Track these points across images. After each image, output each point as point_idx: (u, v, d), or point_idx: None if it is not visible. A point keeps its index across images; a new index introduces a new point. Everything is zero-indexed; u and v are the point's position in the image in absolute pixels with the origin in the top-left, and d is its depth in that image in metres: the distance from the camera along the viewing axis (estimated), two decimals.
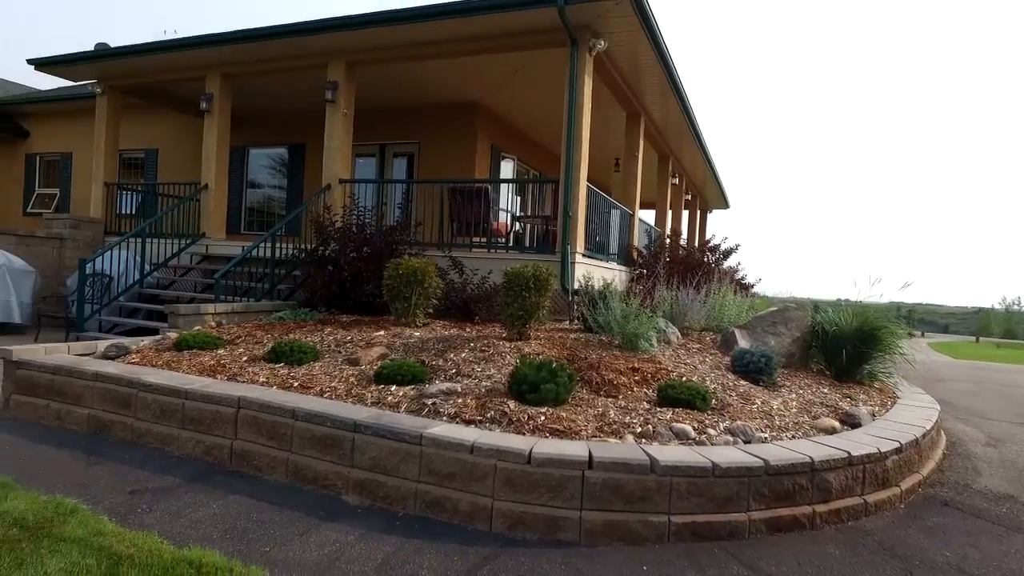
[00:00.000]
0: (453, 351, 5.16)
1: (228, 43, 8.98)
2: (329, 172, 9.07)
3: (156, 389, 4.34)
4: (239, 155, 12.84)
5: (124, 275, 8.75)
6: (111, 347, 5.33)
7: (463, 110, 11.22)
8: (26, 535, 2.96)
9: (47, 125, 16.53)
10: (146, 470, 3.91)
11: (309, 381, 4.51)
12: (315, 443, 3.78)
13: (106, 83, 11.00)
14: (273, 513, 3.38)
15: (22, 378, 4.89)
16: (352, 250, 7.35)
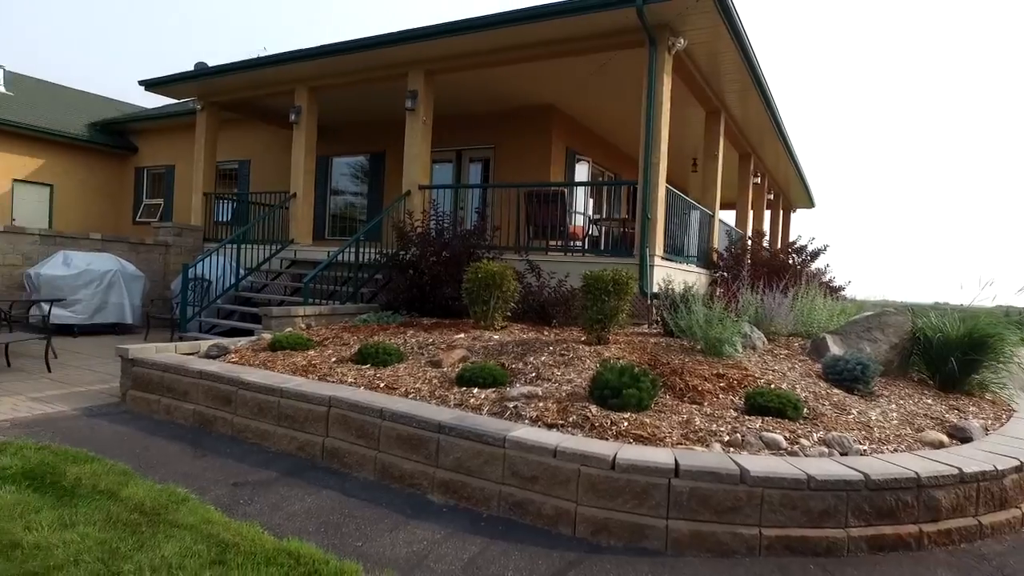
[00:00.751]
0: (532, 354, 5.18)
1: (315, 58, 9.42)
2: (409, 178, 9.33)
3: (254, 387, 4.60)
4: (323, 164, 13.43)
5: (221, 279, 9.33)
6: (213, 347, 5.69)
7: (538, 114, 11.27)
8: (145, 519, 3.21)
9: (153, 140, 17.89)
10: (246, 464, 4.15)
11: (394, 382, 4.65)
12: (401, 442, 3.89)
13: (205, 100, 11.79)
14: (363, 509, 3.51)
15: (137, 375, 5.31)
16: (431, 254, 7.53)
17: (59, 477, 3.64)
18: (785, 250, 11.20)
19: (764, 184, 15.39)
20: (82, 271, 8.94)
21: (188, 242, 11.17)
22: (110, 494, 3.47)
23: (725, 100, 10.17)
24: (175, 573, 2.70)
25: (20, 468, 3.72)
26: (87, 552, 2.85)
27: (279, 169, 14.31)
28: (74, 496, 3.45)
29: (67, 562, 2.76)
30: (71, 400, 5.46)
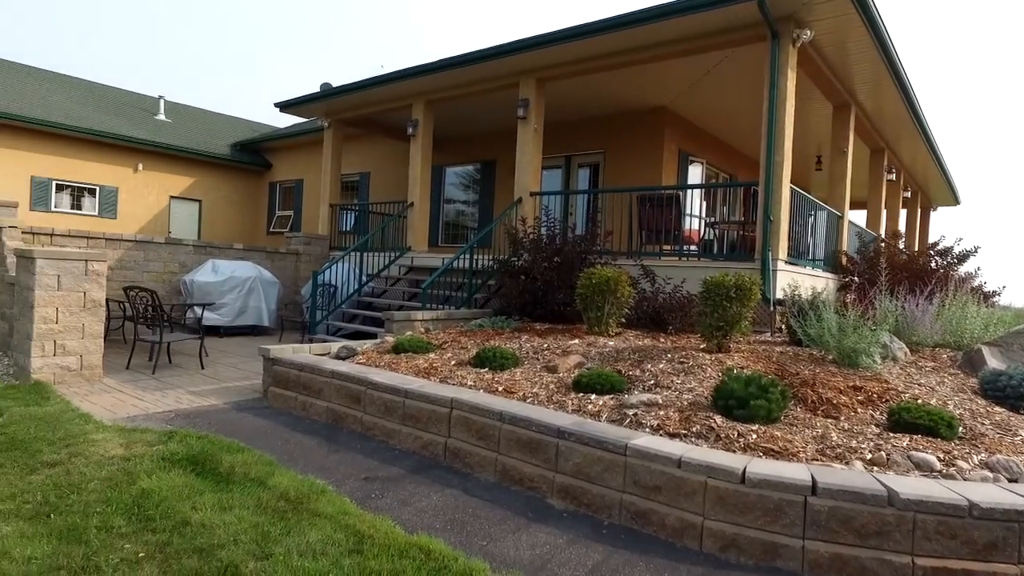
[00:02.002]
0: (650, 361, 5.08)
1: (432, 72, 9.82)
2: (520, 185, 9.48)
3: (381, 388, 4.86)
4: (436, 174, 13.96)
5: (345, 285, 9.94)
6: (342, 349, 6.08)
7: (649, 116, 11.06)
8: (290, 507, 3.48)
9: (284, 157, 19.43)
10: (375, 460, 4.38)
11: (512, 386, 4.73)
12: (521, 446, 3.95)
13: (332, 117, 12.65)
14: (486, 510, 3.60)
15: (277, 373, 5.78)
16: (543, 260, 7.59)
17: (216, 464, 4.03)
18: (926, 252, 10.21)
19: (900, 181, 14.15)
20: (227, 278, 9.87)
21: (316, 250, 12.00)
22: (259, 482, 3.80)
23: (855, 92, 9.47)
24: (319, 559, 2.91)
25: (185, 454, 4.16)
26: (243, 533, 3.13)
27: (395, 180, 15.06)
28: (229, 482, 3.80)
29: (228, 541, 3.05)
30: (221, 395, 6.04)
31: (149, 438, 4.46)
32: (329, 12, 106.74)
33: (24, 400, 5.26)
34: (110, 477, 3.76)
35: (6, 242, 7.10)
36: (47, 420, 4.73)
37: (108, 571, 2.76)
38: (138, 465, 3.95)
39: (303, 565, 2.84)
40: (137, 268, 9.60)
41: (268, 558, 2.91)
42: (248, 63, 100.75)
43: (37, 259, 5.83)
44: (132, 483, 3.67)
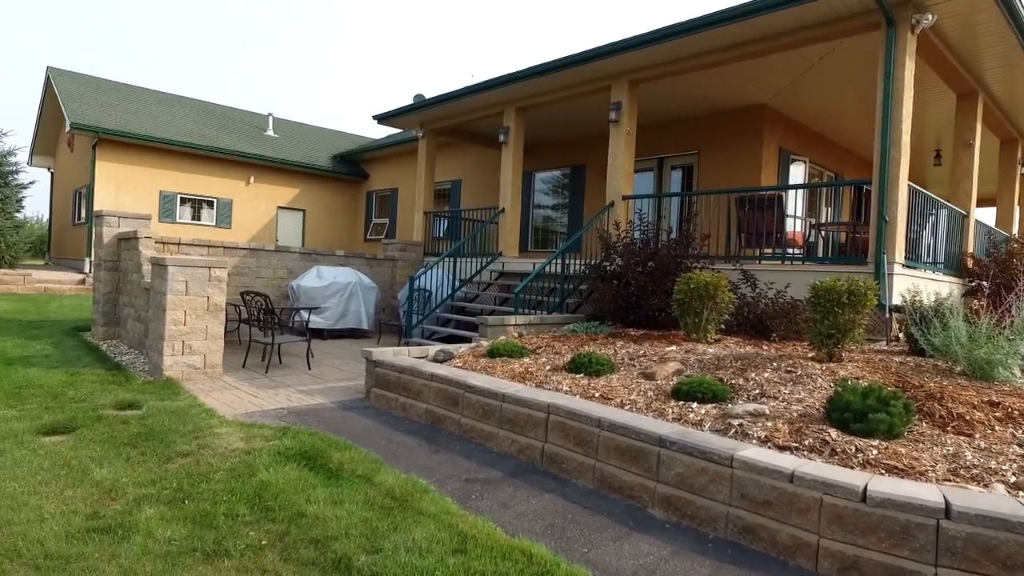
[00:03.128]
0: (753, 370, 4.87)
1: (523, 79, 9.93)
2: (612, 189, 9.38)
3: (478, 391, 4.94)
4: (525, 179, 14.07)
5: (439, 290, 10.21)
6: (439, 352, 6.24)
7: (746, 114, 10.64)
8: (395, 505, 3.60)
9: (380, 167, 20.27)
10: (473, 462, 4.46)
11: (608, 392, 4.68)
12: (619, 453, 3.89)
13: (425, 127, 13.07)
14: (585, 516, 3.57)
15: (378, 375, 6.02)
16: (637, 264, 7.47)
17: (326, 460, 4.24)
18: None
19: None
20: (330, 283, 10.39)
21: (411, 256, 12.41)
22: (366, 479, 3.97)
23: (983, 78, 8.66)
24: (425, 556, 2.99)
25: (298, 450, 4.41)
26: (354, 527, 3.27)
27: (485, 186, 15.34)
28: (339, 477, 3.99)
29: (340, 534, 3.20)
30: (327, 394, 6.36)
31: (266, 433, 4.77)
32: (418, 25, 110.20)
33: (159, 395, 5.78)
34: (233, 468, 4.04)
35: (142, 251, 7.83)
36: (178, 414, 5.17)
37: (236, 555, 2.97)
38: (257, 458, 4.22)
39: (411, 561, 2.93)
40: (250, 274, 10.31)
41: (378, 552, 3.03)
42: (345, 78, 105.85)
43: (169, 266, 6.40)
44: (252, 475, 3.93)
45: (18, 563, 2.81)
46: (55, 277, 15.34)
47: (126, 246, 8.60)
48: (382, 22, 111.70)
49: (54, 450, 4.22)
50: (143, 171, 16.94)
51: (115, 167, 16.50)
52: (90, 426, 4.75)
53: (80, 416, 4.96)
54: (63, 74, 19.16)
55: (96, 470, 3.90)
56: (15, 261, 16.20)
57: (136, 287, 7.95)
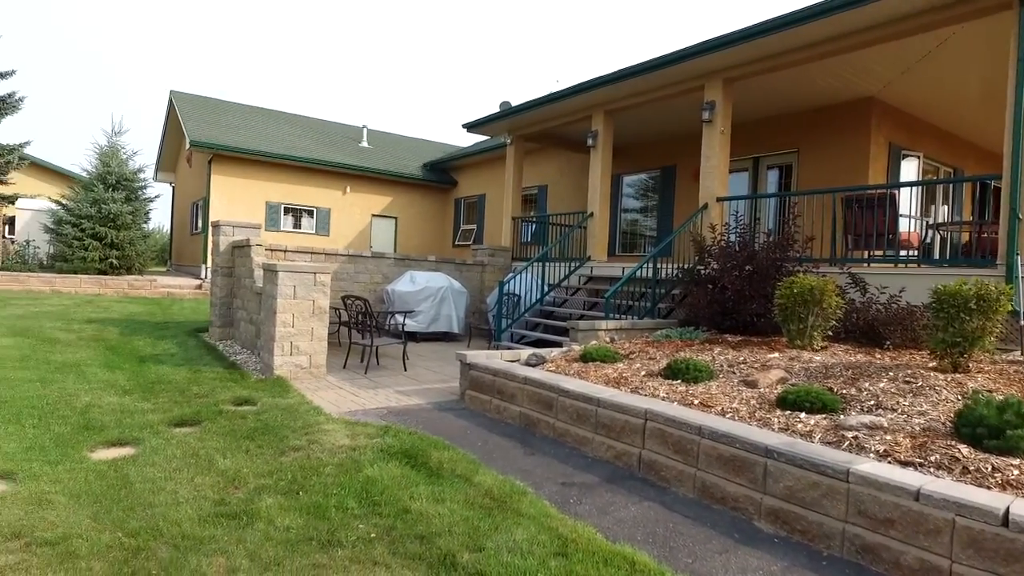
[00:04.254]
0: (867, 379, 4.58)
1: (612, 82, 9.85)
2: (706, 191, 9.12)
3: (572, 395, 4.94)
4: (613, 183, 13.94)
5: (528, 294, 10.29)
6: (531, 356, 6.29)
7: (852, 108, 10.04)
8: (495, 505, 3.66)
9: (467, 174, 20.70)
10: (569, 466, 4.46)
11: (708, 400, 4.54)
12: (722, 463, 3.77)
13: (513, 134, 13.23)
14: (687, 526, 3.48)
15: (472, 378, 6.14)
16: (734, 268, 7.21)
17: (426, 459, 4.37)
18: None
19: None
20: (423, 287, 10.72)
21: (499, 261, 12.58)
22: (465, 479, 4.06)
23: None
24: (527, 558, 3.02)
25: (399, 448, 4.58)
26: (456, 525, 3.36)
27: (572, 191, 15.32)
28: (439, 476, 4.11)
29: (443, 531, 3.29)
30: (423, 395, 6.56)
31: (369, 431, 4.98)
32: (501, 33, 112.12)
33: (270, 392, 6.17)
34: (341, 464, 4.25)
35: (254, 258, 8.41)
36: (289, 410, 5.50)
37: (348, 546, 3.12)
38: (362, 455, 4.42)
39: (513, 562, 2.97)
40: (348, 279, 10.80)
41: (480, 551, 3.09)
42: (433, 87, 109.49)
43: (279, 272, 6.83)
44: (359, 471, 4.12)
45: (160, 541, 3.08)
46: (176, 282, 16.74)
47: (239, 253, 9.26)
48: (467, 32, 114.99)
49: (184, 440, 4.60)
50: (251, 183, 18.19)
51: (227, 180, 17.82)
52: (213, 420, 5.14)
53: (204, 411, 5.38)
54: (183, 97, 20.92)
55: (220, 460, 4.22)
56: (143, 268, 17.81)
57: (248, 291, 8.54)
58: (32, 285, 14.74)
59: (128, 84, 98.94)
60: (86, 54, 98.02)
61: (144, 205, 17.87)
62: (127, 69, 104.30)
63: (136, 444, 4.49)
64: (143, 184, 18.11)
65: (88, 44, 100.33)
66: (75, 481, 3.76)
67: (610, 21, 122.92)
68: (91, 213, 16.38)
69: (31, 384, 6.00)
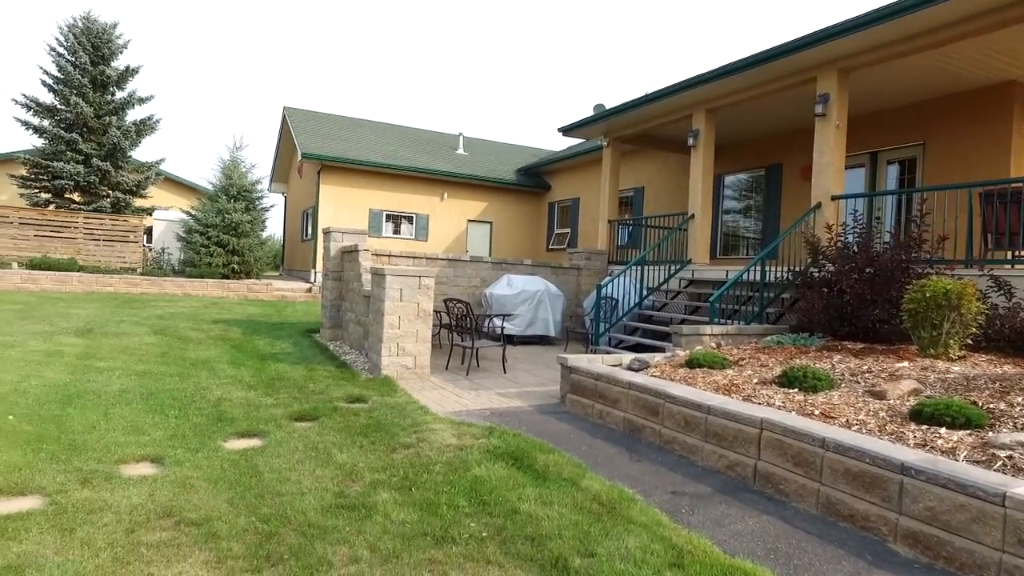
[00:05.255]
0: (1020, 393, 4.12)
1: (714, 79, 9.52)
2: (819, 189, 8.59)
3: (680, 402, 4.79)
4: (714, 183, 13.46)
5: (625, 298, 10.12)
6: (634, 361, 6.17)
7: (989, 94, 9.13)
8: (604, 511, 3.61)
9: (561, 178, 20.71)
10: (678, 474, 4.32)
11: (830, 410, 4.26)
12: (850, 478, 3.51)
13: (610, 136, 13.09)
14: (812, 544, 3.27)
15: (574, 381, 6.11)
16: (853, 271, 6.74)
17: (532, 461, 4.39)
18: None
19: None
20: (520, 291, 10.81)
21: (595, 265, 12.47)
22: (572, 483, 4.03)
23: None
24: (640, 566, 2.95)
25: (504, 449, 4.62)
26: (566, 529, 3.34)
27: (669, 192, 14.94)
28: (545, 479, 4.10)
29: (553, 534, 3.28)
30: (524, 398, 6.60)
31: (474, 431, 5.07)
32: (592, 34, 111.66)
33: (379, 391, 6.43)
34: (449, 462, 4.35)
35: (362, 262, 8.82)
36: (397, 409, 5.71)
37: (461, 543, 3.18)
38: (469, 455, 4.50)
39: (626, 570, 2.91)
40: (448, 283, 11.09)
41: (592, 556, 3.05)
42: (525, 92, 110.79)
43: (387, 275, 7.11)
44: (467, 470, 4.20)
45: (288, 528, 3.28)
46: (288, 286, 17.87)
47: (348, 258, 9.74)
48: (558, 36, 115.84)
49: (304, 434, 4.88)
50: (356, 192, 19.13)
51: (334, 189, 18.84)
52: (329, 415, 5.43)
53: (320, 407, 5.69)
54: (295, 112, 22.36)
55: (338, 454, 4.44)
56: (260, 273, 19.16)
57: (356, 295, 8.96)
58: (167, 288, 16.25)
59: (243, 101, 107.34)
60: (206, 73, 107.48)
61: (261, 214, 19.22)
62: (243, 87, 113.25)
63: (263, 436, 4.82)
64: (260, 195, 19.48)
65: (208, 63, 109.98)
66: (212, 468, 4.08)
67: (703, 20, 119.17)
68: (216, 222, 17.82)
69: (171, 378, 6.59)
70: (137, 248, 18.20)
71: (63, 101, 20.00)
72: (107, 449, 4.30)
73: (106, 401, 5.53)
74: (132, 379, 6.44)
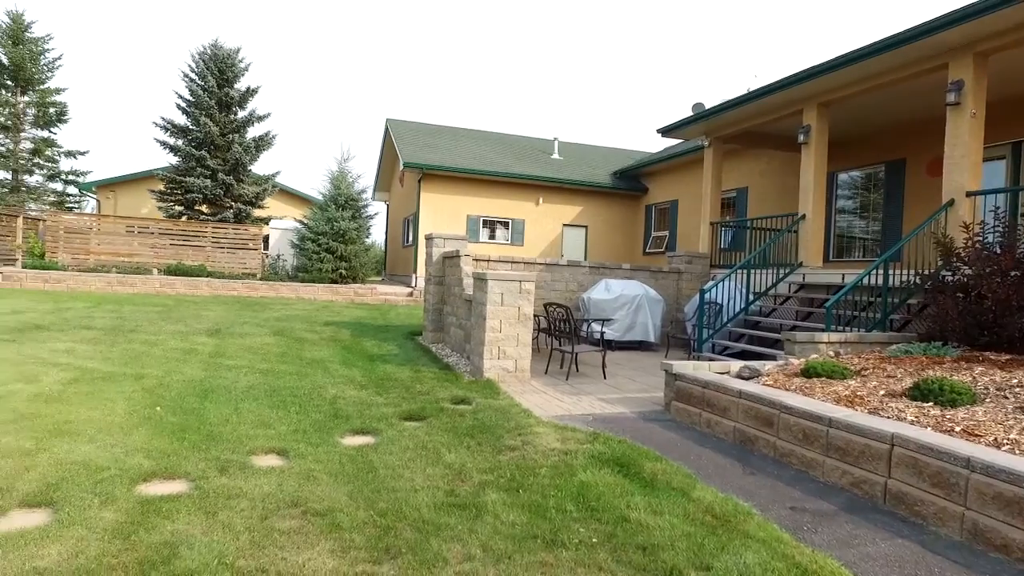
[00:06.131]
0: None
1: (829, 71, 8.97)
2: (951, 185, 7.87)
3: (797, 413, 4.53)
4: (827, 182, 12.65)
5: (730, 303, 9.72)
6: (744, 368, 5.91)
7: None
8: (718, 523, 3.48)
9: (659, 180, 20.26)
10: (797, 490, 4.09)
11: (973, 427, 3.88)
12: (1002, 504, 3.18)
13: (711, 136, 12.65)
14: (958, 574, 2.99)
15: (679, 388, 5.94)
16: (995, 274, 6.11)
17: (639, 469, 4.30)
18: None
19: None
20: (618, 296, 10.67)
21: (697, 269, 12.08)
22: (682, 493, 3.91)
23: None
24: None
25: (610, 455, 4.56)
26: (679, 540, 3.24)
27: (776, 192, 14.22)
28: (653, 488, 4.01)
29: (666, 544, 3.19)
30: (626, 404, 6.50)
31: (578, 436, 5.04)
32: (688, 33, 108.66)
33: (482, 393, 6.55)
34: (555, 466, 4.35)
35: (463, 267, 9.04)
36: (501, 411, 5.79)
37: (571, 548, 3.17)
38: (574, 459, 4.49)
39: None
40: (545, 287, 11.13)
41: (708, 570, 2.95)
42: (619, 95, 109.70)
43: (489, 280, 7.25)
44: (572, 475, 4.18)
45: (404, 523, 3.40)
46: (391, 290, 18.64)
47: (449, 264, 10.01)
48: (651, 36, 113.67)
49: (413, 433, 5.06)
50: (454, 199, 19.66)
51: (433, 196, 19.46)
52: (436, 416, 5.59)
53: (427, 407, 5.88)
54: (397, 123, 23.32)
55: (446, 454, 4.56)
56: (364, 278, 20.13)
57: (457, 299, 9.19)
58: (282, 292, 17.41)
59: (346, 114, 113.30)
60: (312, 87, 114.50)
61: (366, 222, 20.20)
62: (346, 100, 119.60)
63: (375, 434, 5.04)
64: (365, 203, 20.48)
65: (314, 79, 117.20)
66: (332, 462, 4.31)
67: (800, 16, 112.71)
68: (326, 230, 18.90)
69: (291, 376, 7.05)
70: (256, 255, 19.64)
71: (194, 122, 22.00)
72: (239, 440, 4.65)
73: (236, 396, 6.00)
74: (257, 376, 6.95)
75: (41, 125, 26.05)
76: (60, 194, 26.92)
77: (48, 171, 26.27)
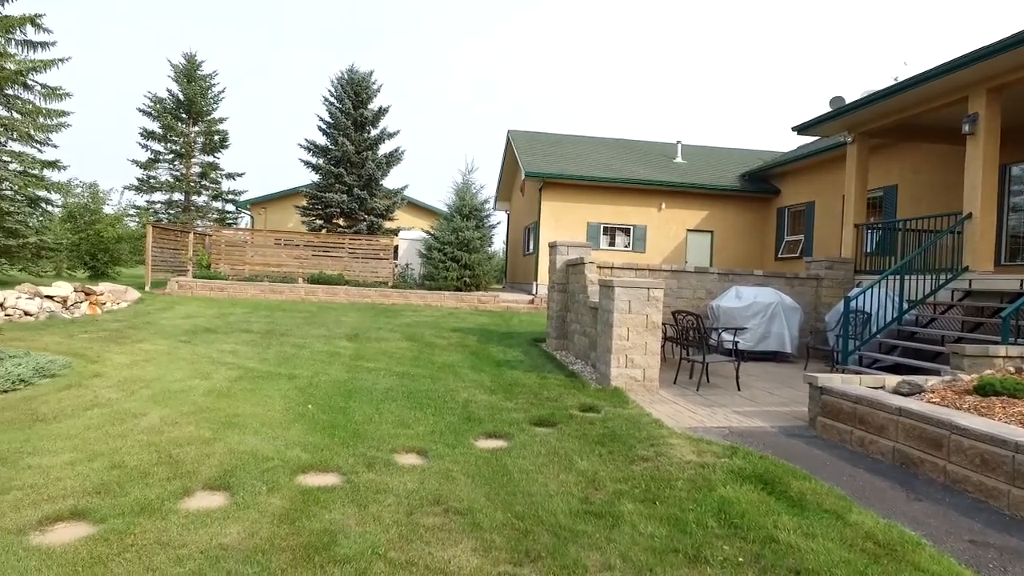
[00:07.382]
0: None
1: (1002, 51, 7.98)
2: None
3: (973, 435, 4.04)
4: (999, 176, 11.22)
5: (879, 312, 8.88)
6: (902, 383, 5.38)
7: None
8: (882, 552, 3.18)
9: (792, 181, 19.03)
10: (976, 521, 3.64)
11: None
12: None
13: (855, 131, 11.68)
14: None
15: (826, 403, 5.51)
16: None
17: (784, 487, 4.04)
18: None
19: None
20: (750, 303, 10.12)
21: (839, 275, 11.18)
22: (836, 516, 3.62)
23: None
24: None
25: (751, 471, 4.32)
26: (836, 567, 3.02)
27: (932, 190, 12.85)
28: (802, 508, 3.75)
29: (820, 569, 2.97)
30: (765, 418, 6.13)
31: (715, 450, 4.83)
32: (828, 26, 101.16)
33: (610, 401, 6.47)
34: (692, 480, 4.20)
35: (587, 274, 9.01)
36: (631, 421, 5.68)
37: (716, 565, 3.04)
38: (711, 474, 4.30)
39: None
40: (671, 295, 10.80)
41: None
42: (745, 94, 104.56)
43: (615, 287, 7.16)
44: (711, 489, 4.01)
45: (541, 527, 3.43)
46: (513, 298, 18.98)
47: (573, 271, 10.02)
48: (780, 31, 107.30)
49: (544, 439, 5.10)
50: (574, 206, 19.67)
51: (554, 205, 19.59)
52: (565, 422, 5.60)
53: (556, 413, 5.90)
54: (518, 134, 23.78)
55: (578, 461, 4.55)
56: (487, 286, 20.66)
57: (582, 306, 9.17)
58: (412, 300, 18.31)
59: (469, 127, 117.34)
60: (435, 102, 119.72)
61: (488, 231, 20.74)
62: (469, 114, 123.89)
63: (507, 438, 5.13)
64: (487, 213, 21.04)
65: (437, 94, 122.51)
66: (468, 463, 4.45)
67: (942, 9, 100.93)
68: (451, 240, 19.64)
69: (424, 379, 7.38)
70: (388, 264, 20.82)
71: (332, 141, 23.81)
72: (382, 439, 4.93)
73: (376, 397, 6.37)
74: (394, 379, 7.34)
75: (207, 151, 29.36)
76: (221, 212, 30.16)
77: (212, 191, 29.53)
